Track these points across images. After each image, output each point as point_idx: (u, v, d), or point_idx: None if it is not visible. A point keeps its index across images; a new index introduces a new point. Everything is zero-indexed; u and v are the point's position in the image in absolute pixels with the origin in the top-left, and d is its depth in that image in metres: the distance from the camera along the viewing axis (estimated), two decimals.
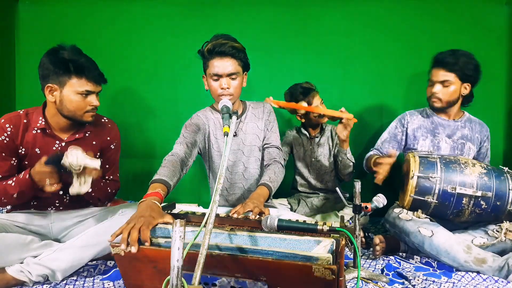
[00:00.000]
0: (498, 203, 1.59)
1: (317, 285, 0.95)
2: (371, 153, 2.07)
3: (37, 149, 1.57)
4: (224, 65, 1.63)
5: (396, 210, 1.78)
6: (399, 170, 2.01)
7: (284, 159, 2.31)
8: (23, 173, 1.46)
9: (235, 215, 1.28)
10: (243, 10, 2.60)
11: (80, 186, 1.44)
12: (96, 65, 1.58)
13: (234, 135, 1.76)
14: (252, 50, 1.77)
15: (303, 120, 2.27)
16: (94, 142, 1.66)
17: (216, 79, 1.65)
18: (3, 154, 1.53)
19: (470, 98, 2.01)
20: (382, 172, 1.74)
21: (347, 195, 2.26)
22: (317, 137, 2.30)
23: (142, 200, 1.24)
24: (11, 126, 1.54)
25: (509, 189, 1.59)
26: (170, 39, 2.63)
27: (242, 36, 1.77)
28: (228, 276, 1.01)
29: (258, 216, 1.28)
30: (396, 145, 2.06)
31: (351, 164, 2.08)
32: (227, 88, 1.64)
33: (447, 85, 1.89)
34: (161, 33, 2.63)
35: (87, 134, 1.66)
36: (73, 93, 1.52)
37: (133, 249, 1.03)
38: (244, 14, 2.60)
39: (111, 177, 1.75)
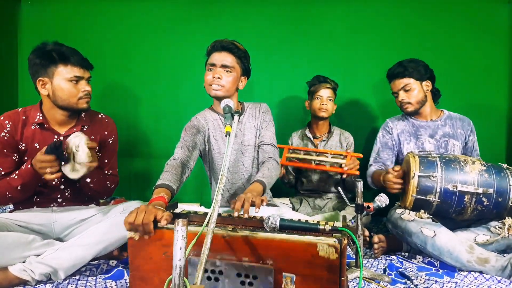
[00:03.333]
0: (499, 199, 1.59)
1: (321, 267, 0.98)
2: (373, 169, 2.09)
3: (36, 144, 1.59)
4: (221, 57, 1.67)
5: (398, 210, 1.78)
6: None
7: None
8: (25, 164, 1.49)
9: (235, 213, 1.27)
10: (245, 10, 2.60)
11: (71, 172, 1.48)
12: (79, 52, 1.61)
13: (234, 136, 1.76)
14: (254, 49, 1.78)
15: (308, 108, 2.31)
16: (92, 137, 1.68)
17: (210, 69, 1.68)
18: (5, 151, 1.56)
19: (438, 94, 2.10)
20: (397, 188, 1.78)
21: (350, 195, 2.26)
22: (324, 140, 2.29)
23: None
24: (10, 123, 1.57)
25: (510, 185, 1.59)
26: (172, 39, 2.64)
27: (243, 36, 1.79)
28: (235, 261, 1.04)
29: (257, 212, 1.28)
30: (390, 152, 2.09)
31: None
32: (218, 77, 1.66)
33: (408, 89, 1.99)
34: (163, 33, 2.64)
35: (84, 128, 1.68)
36: (63, 81, 1.55)
37: (150, 229, 1.08)
38: (246, 14, 2.60)
39: (110, 171, 1.76)
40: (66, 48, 1.57)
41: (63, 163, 1.47)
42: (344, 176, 2.11)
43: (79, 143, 1.46)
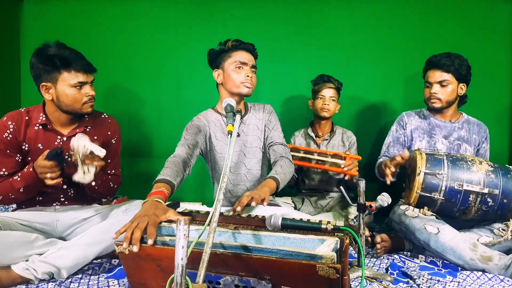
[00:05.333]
0: (504, 200, 1.59)
1: (322, 284, 0.94)
2: (380, 160, 2.07)
3: (39, 145, 1.59)
4: (249, 57, 1.72)
5: (402, 207, 1.78)
6: (404, 168, 2.00)
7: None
8: (27, 167, 1.49)
9: (238, 208, 1.26)
10: (248, 10, 2.60)
11: (84, 175, 1.46)
12: (82, 56, 1.58)
13: (236, 136, 1.76)
14: (256, 47, 1.78)
15: (311, 107, 2.30)
16: (95, 137, 1.68)
17: (240, 67, 1.69)
18: (8, 151, 1.56)
19: (465, 99, 2.06)
20: (389, 172, 1.78)
21: (352, 194, 2.26)
22: (326, 139, 2.28)
23: (146, 200, 1.24)
24: (13, 123, 1.57)
25: None
26: (175, 40, 2.64)
27: (246, 36, 1.78)
28: (232, 274, 1.01)
29: (253, 205, 1.28)
30: (400, 148, 2.08)
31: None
32: (251, 76, 1.69)
33: (445, 85, 1.92)
34: (165, 33, 2.64)
35: (87, 129, 1.68)
36: (67, 87, 1.54)
37: (135, 248, 1.03)
38: (249, 14, 2.60)
39: (113, 171, 1.76)
40: (69, 53, 1.54)
41: (66, 166, 1.47)
42: (346, 178, 2.11)
43: (85, 144, 1.45)
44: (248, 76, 1.68)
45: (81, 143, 1.44)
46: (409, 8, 2.54)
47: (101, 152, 1.45)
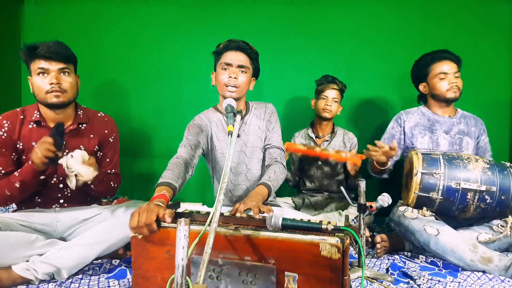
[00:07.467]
0: (502, 197, 1.59)
1: (324, 267, 0.98)
2: None
3: (33, 143, 1.59)
4: (236, 57, 1.67)
5: (401, 208, 1.78)
6: (401, 168, 2.00)
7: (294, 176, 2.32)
8: (26, 163, 1.49)
9: (238, 214, 1.28)
10: (247, 9, 2.61)
11: (78, 182, 1.44)
12: (52, 44, 1.52)
13: (237, 136, 1.76)
14: (257, 49, 1.78)
15: (313, 107, 2.29)
16: (91, 135, 1.68)
17: (225, 68, 1.66)
18: (3, 150, 1.56)
19: None
20: (377, 155, 1.77)
21: (352, 194, 2.26)
22: (327, 140, 2.28)
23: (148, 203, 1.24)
24: (8, 122, 1.57)
25: None
26: (175, 39, 2.64)
27: (247, 35, 1.78)
28: (237, 260, 1.05)
29: (259, 216, 1.28)
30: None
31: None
32: (235, 78, 1.64)
33: (458, 76, 1.97)
34: (165, 33, 2.65)
35: (82, 126, 1.67)
36: (35, 76, 1.53)
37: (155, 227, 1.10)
38: (248, 13, 2.61)
39: (113, 170, 1.75)
40: (40, 42, 1.51)
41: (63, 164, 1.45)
42: (349, 168, 2.09)
43: (78, 167, 1.41)
44: (230, 77, 1.64)
45: (75, 167, 1.41)
46: (409, 8, 2.54)
47: (88, 175, 1.42)
